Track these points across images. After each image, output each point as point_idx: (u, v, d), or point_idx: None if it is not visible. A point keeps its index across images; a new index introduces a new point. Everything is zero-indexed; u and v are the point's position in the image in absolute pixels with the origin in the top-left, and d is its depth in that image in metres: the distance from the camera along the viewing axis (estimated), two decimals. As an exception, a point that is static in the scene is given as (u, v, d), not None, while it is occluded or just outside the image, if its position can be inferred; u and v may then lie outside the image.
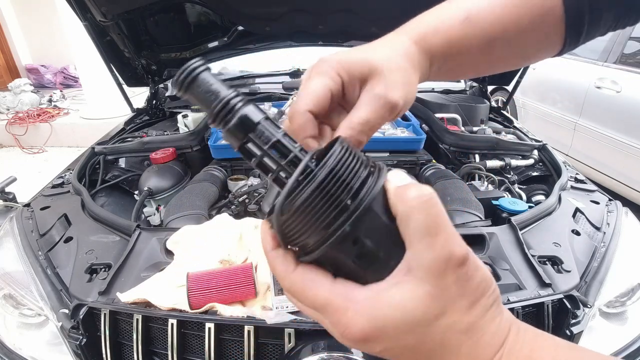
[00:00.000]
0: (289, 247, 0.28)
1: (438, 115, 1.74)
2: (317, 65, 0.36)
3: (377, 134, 1.53)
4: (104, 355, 0.82)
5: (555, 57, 0.46)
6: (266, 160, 0.28)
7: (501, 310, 0.27)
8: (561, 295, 0.83)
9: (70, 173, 1.36)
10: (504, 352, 0.26)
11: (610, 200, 1.20)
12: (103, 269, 0.91)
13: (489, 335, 0.26)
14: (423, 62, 0.39)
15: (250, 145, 0.28)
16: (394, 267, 0.26)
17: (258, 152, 0.28)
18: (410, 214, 0.25)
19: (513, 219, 1.02)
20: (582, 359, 0.27)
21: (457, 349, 0.26)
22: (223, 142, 1.45)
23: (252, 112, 0.28)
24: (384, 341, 0.26)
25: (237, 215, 1.17)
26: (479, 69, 0.46)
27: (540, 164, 1.51)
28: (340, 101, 0.37)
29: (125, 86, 1.80)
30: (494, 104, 2.04)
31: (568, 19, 0.40)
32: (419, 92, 1.96)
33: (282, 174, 0.28)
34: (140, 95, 2.54)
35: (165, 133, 1.63)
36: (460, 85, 2.19)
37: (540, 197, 1.38)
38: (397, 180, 0.27)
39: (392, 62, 0.36)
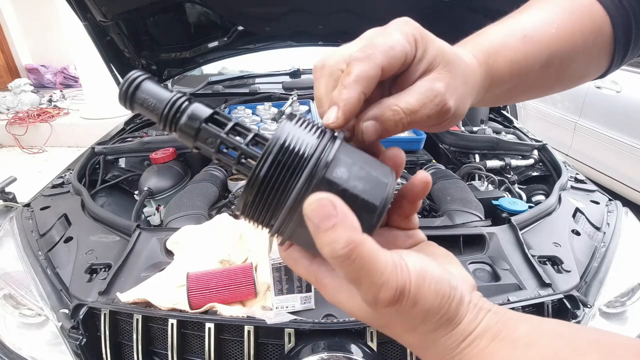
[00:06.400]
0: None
1: (438, 115, 1.73)
2: (398, 22, 0.30)
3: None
4: (104, 355, 0.82)
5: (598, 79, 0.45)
6: (221, 155, 0.28)
7: (448, 329, 0.27)
8: (561, 295, 0.83)
9: (70, 173, 1.36)
10: None
11: (610, 200, 1.20)
12: (103, 269, 0.91)
13: (434, 353, 0.27)
14: (483, 85, 0.36)
15: (203, 144, 0.28)
16: None
17: (212, 149, 0.28)
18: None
19: (513, 219, 1.02)
20: None
21: (411, 346, 0.29)
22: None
23: (199, 108, 0.28)
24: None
25: (237, 216, 1.17)
26: (532, 93, 0.44)
27: (540, 164, 1.51)
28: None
29: (125, 86, 1.79)
30: (494, 104, 2.04)
31: (617, 36, 0.40)
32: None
33: (241, 164, 0.28)
34: (140, 95, 2.53)
35: (165, 133, 1.63)
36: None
37: (540, 197, 1.38)
38: (320, 214, 0.24)
39: (459, 68, 0.32)
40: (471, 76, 0.34)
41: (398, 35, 0.29)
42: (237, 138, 0.28)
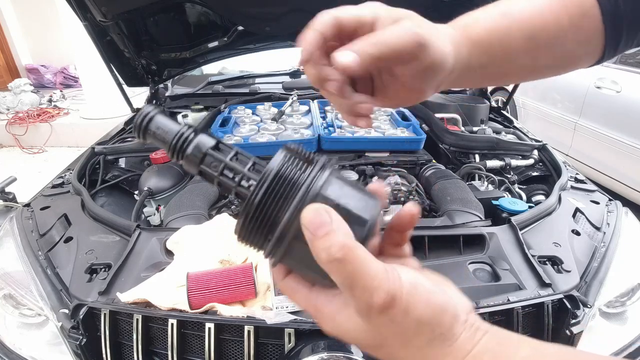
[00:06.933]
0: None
1: (438, 115, 1.73)
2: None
3: (377, 134, 1.53)
4: (104, 355, 0.82)
5: (593, 67, 0.46)
6: (224, 178, 0.31)
7: (444, 345, 0.27)
8: (561, 295, 0.83)
9: (70, 173, 1.36)
10: None
11: (610, 200, 1.20)
12: (103, 269, 0.91)
13: None
14: (463, 48, 0.39)
15: (207, 168, 0.31)
16: None
17: (215, 173, 0.31)
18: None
19: (513, 219, 1.02)
20: None
21: None
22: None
23: (205, 139, 0.31)
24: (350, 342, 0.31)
25: (237, 216, 1.17)
26: (522, 73, 0.45)
27: (540, 164, 1.51)
28: None
29: (125, 86, 1.80)
30: (494, 104, 2.04)
31: (605, 22, 0.41)
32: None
33: (241, 187, 0.31)
34: (140, 95, 2.54)
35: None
36: (460, 85, 2.18)
37: (540, 197, 1.38)
38: (316, 222, 0.26)
39: (420, 18, 0.36)
40: (440, 27, 0.38)
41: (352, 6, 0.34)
42: (238, 164, 0.31)
